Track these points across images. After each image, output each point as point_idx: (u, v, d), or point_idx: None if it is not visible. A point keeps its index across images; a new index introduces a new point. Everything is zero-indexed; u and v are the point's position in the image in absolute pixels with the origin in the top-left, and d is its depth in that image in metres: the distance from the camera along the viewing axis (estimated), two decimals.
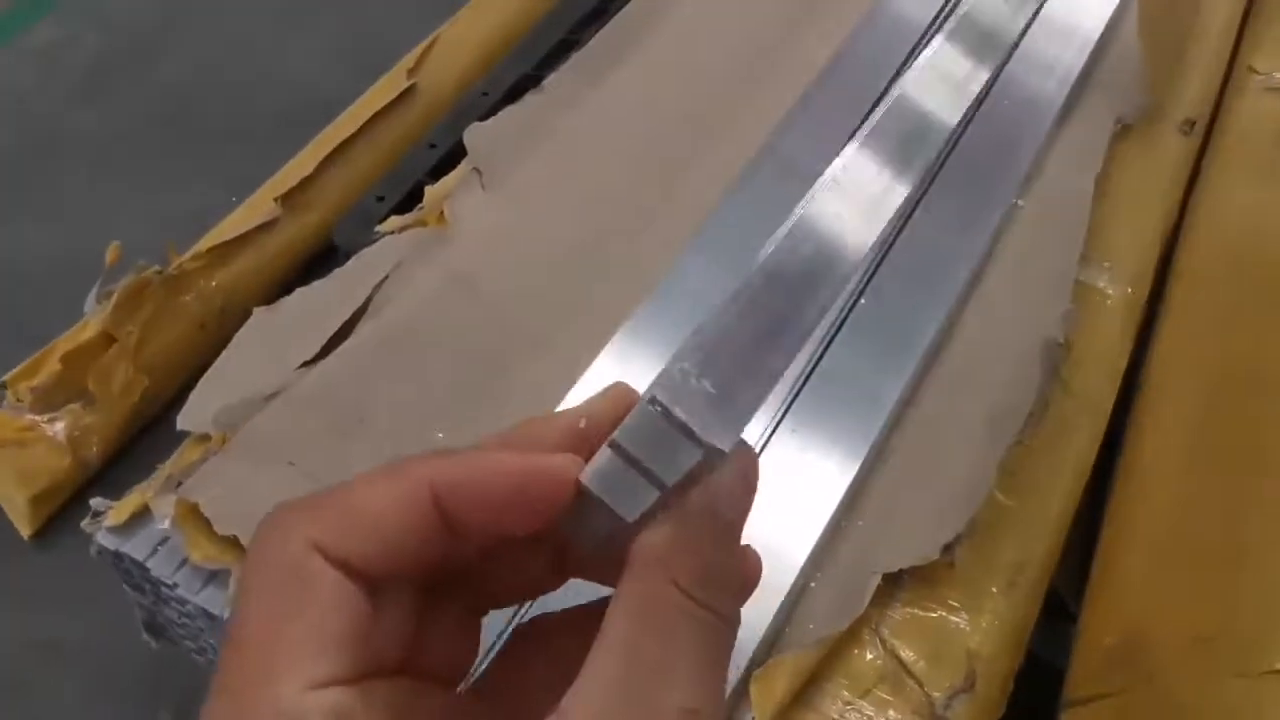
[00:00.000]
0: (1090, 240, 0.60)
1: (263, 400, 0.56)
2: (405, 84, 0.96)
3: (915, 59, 0.33)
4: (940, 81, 0.33)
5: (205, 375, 0.59)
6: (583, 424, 0.27)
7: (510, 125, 0.70)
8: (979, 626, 0.48)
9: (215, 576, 0.53)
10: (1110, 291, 0.59)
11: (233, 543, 0.52)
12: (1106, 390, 0.56)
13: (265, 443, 0.54)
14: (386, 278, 0.61)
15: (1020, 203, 0.62)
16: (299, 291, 0.62)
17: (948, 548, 0.49)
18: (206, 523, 0.52)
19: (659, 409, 0.24)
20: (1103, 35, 0.70)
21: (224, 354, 0.59)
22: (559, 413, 0.28)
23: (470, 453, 0.26)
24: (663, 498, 0.25)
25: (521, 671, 0.29)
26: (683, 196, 0.64)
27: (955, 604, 0.48)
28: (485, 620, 0.30)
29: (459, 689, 0.28)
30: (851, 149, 0.29)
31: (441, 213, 0.64)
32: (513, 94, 0.84)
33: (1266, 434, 0.54)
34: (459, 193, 0.65)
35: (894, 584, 0.49)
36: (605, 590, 0.28)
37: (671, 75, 0.73)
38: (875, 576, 0.48)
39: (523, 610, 0.44)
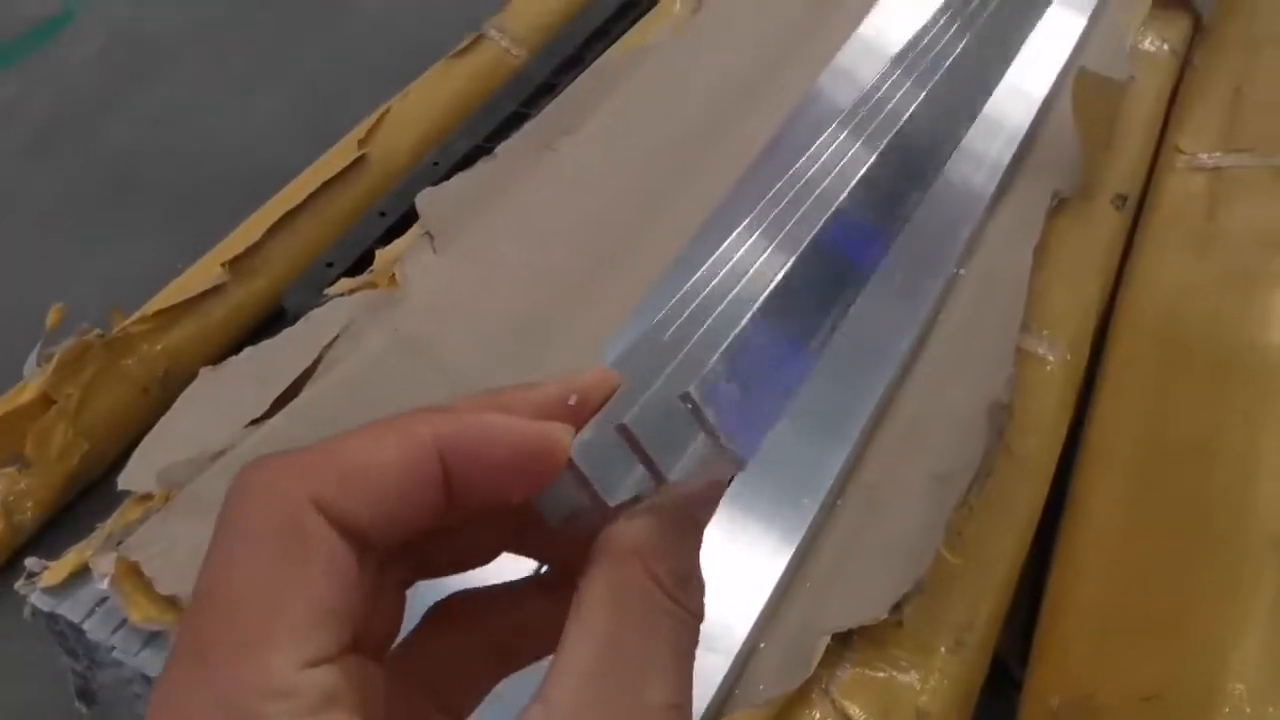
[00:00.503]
0: (1030, 308, 0.62)
1: (209, 459, 0.55)
2: (356, 154, 0.97)
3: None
4: (871, 203, 0.33)
5: (149, 434, 0.58)
6: (573, 400, 0.26)
7: (462, 190, 0.70)
8: (927, 685, 0.48)
9: (154, 638, 0.52)
10: (1050, 358, 0.61)
11: (173, 603, 0.51)
12: (1048, 453, 0.57)
13: (210, 502, 0.54)
14: (337, 337, 0.61)
15: (961, 271, 0.64)
16: (247, 351, 0.62)
17: (896, 607, 0.49)
18: (147, 582, 0.51)
19: (690, 405, 0.23)
20: (1037, 115, 0.73)
21: (169, 413, 0.59)
22: (543, 383, 0.26)
23: (473, 413, 0.24)
24: (648, 491, 0.24)
25: (441, 647, 0.27)
26: (628, 264, 0.65)
27: (904, 663, 0.49)
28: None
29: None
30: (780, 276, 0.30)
31: (392, 275, 0.65)
32: (464, 165, 0.85)
33: (1200, 498, 0.55)
34: (410, 255, 0.66)
35: (843, 643, 0.49)
36: (520, 568, 0.27)
37: (620, 146, 0.74)
38: (825, 636, 0.48)
39: None
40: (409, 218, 0.74)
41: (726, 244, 0.30)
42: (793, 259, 0.28)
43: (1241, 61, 0.82)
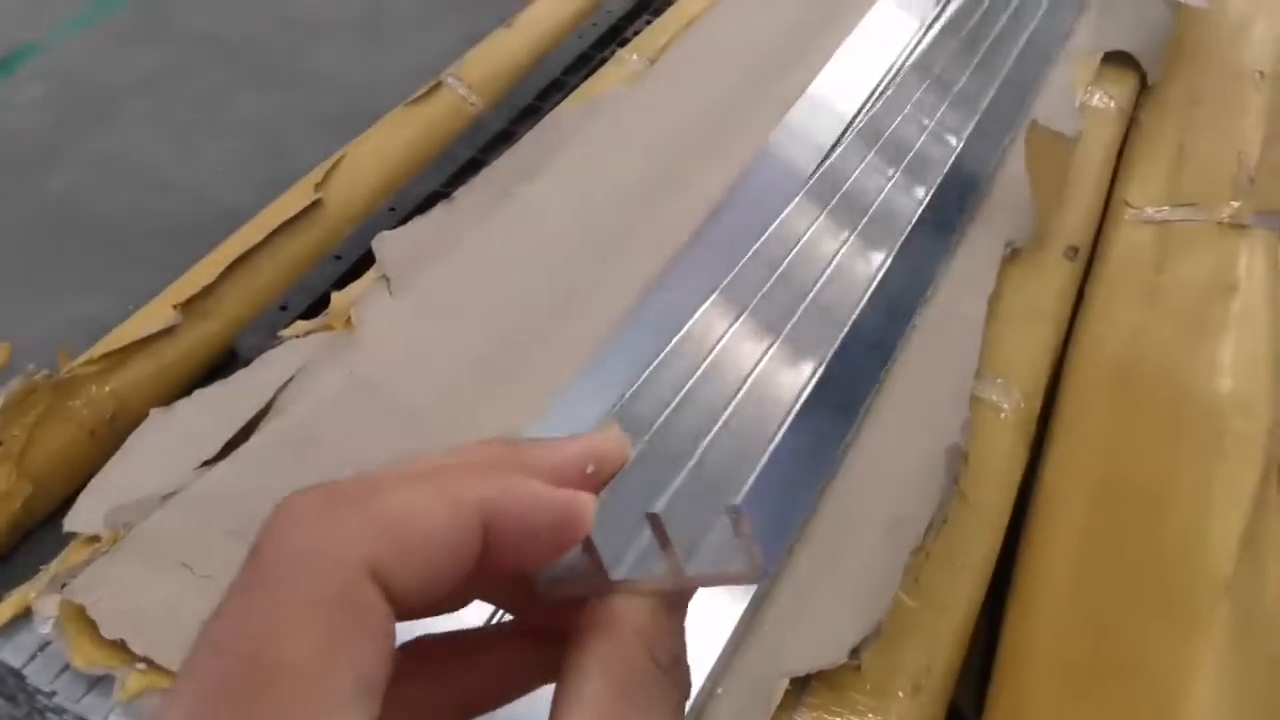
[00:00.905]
0: (984, 356, 0.62)
1: (158, 500, 0.54)
2: (312, 198, 0.96)
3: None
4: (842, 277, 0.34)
5: (97, 475, 0.57)
6: (590, 469, 0.26)
7: (419, 234, 0.70)
8: None
9: (98, 683, 0.51)
10: (1004, 405, 0.61)
11: (119, 646, 0.50)
12: (1003, 499, 0.58)
13: (159, 544, 0.53)
14: (291, 379, 0.60)
15: (916, 321, 0.65)
16: (198, 393, 0.61)
17: (854, 651, 0.49)
18: (92, 625, 0.50)
19: (732, 517, 0.24)
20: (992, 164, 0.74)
21: (118, 453, 0.58)
22: (561, 443, 0.26)
23: (509, 476, 0.24)
24: (655, 573, 0.25)
25: (402, 692, 0.26)
26: (583, 311, 0.65)
27: (862, 707, 0.48)
28: None
29: None
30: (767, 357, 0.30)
31: (348, 318, 0.64)
32: (421, 210, 0.85)
33: (1152, 544, 0.56)
34: (366, 298, 0.65)
35: (801, 688, 0.49)
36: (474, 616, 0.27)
37: (577, 194, 0.74)
38: (783, 681, 0.48)
39: None
40: (364, 262, 0.74)
41: (700, 314, 0.30)
42: (819, 370, 0.28)
43: (1184, 119, 0.84)
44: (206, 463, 0.56)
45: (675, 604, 0.25)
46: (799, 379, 0.29)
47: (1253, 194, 0.74)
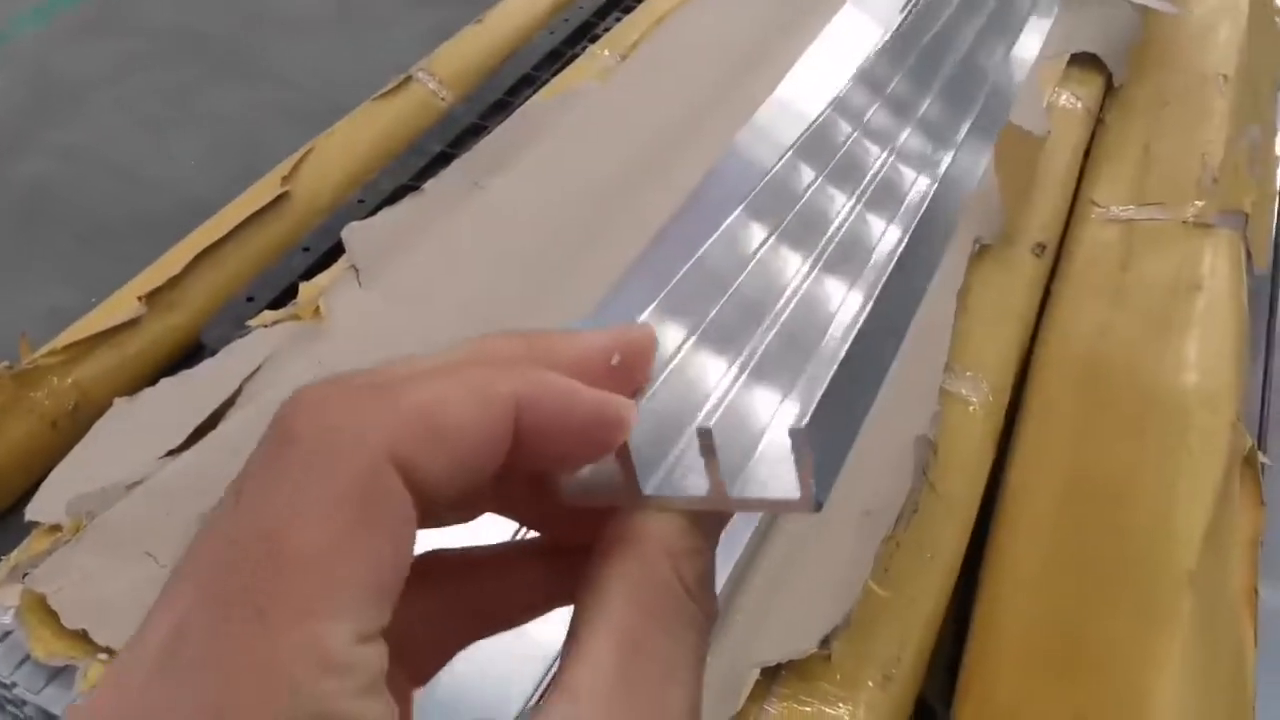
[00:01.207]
0: (953, 350, 0.63)
1: (122, 489, 0.54)
2: (279, 190, 0.95)
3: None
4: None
5: (60, 464, 0.56)
6: (615, 360, 0.24)
7: (389, 225, 0.70)
8: (855, 719, 0.48)
9: (59, 674, 0.50)
10: (973, 399, 0.62)
11: (81, 637, 0.49)
12: (972, 491, 0.58)
13: (122, 533, 0.52)
14: (259, 368, 0.60)
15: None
16: (164, 381, 0.61)
17: (825, 641, 0.49)
18: (53, 615, 0.49)
19: (795, 440, 0.21)
20: None
21: (81, 442, 0.57)
22: (582, 333, 0.24)
23: (541, 371, 0.22)
24: (692, 491, 0.23)
25: (412, 605, 0.24)
26: (557, 301, 0.65)
27: (832, 697, 0.49)
28: None
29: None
30: None
31: (316, 308, 0.64)
32: (390, 202, 0.84)
33: (1118, 536, 0.56)
34: (335, 288, 0.65)
35: (771, 677, 0.49)
36: (499, 530, 0.26)
37: (548, 187, 0.74)
38: (754, 671, 0.48)
39: None
40: (333, 254, 0.73)
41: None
42: (873, 297, 0.27)
43: (1149, 119, 0.85)
44: (171, 452, 0.56)
45: (709, 526, 0.24)
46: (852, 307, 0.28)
47: (1216, 194, 0.75)
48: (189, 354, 0.91)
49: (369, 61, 1.31)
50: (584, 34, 1.06)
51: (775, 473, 0.23)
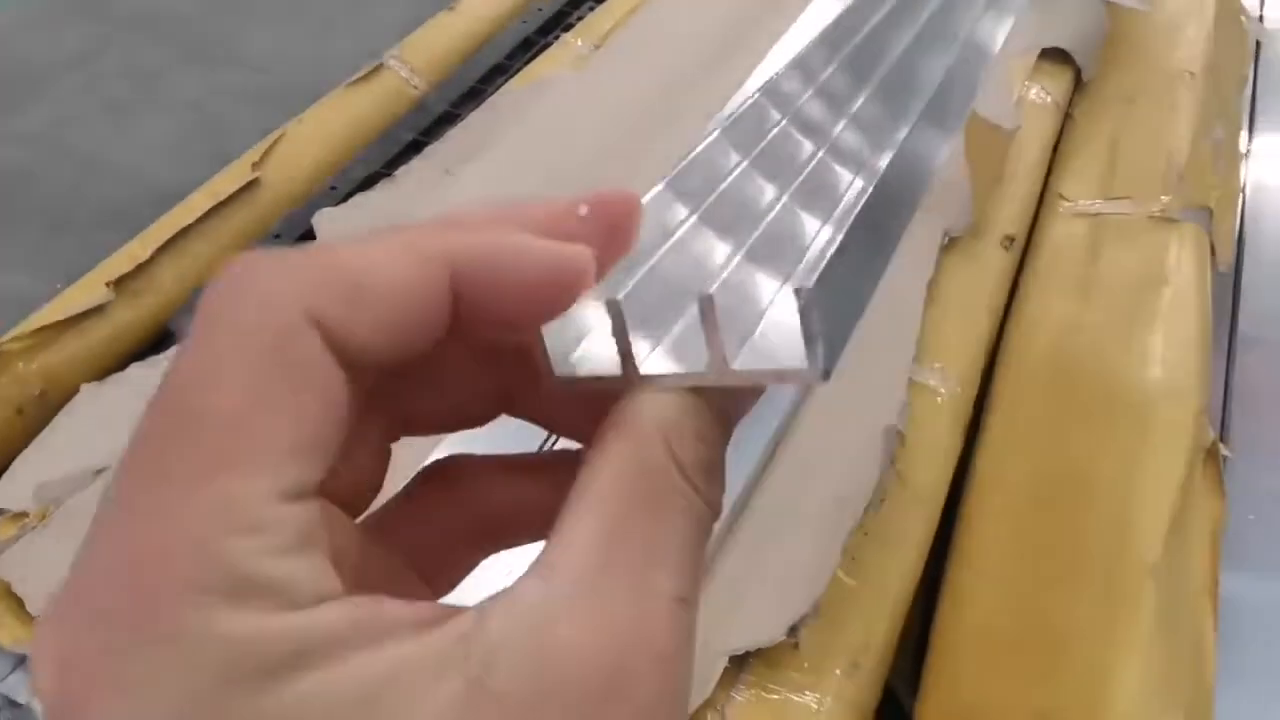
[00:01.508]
0: (922, 342, 0.63)
1: (91, 475, 0.53)
2: (249, 177, 0.95)
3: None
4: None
5: (26, 449, 0.56)
6: (583, 211, 0.23)
7: (361, 212, 0.70)
8: (823, 708, 0.48)
9: (24, 662, 0.50)
10: (941, 390, 0.62)
11: None
12: (939, 481, 0.58)
13: (89, 520, 0.52)
14: None
15: None
16: (134, 366, 0.60)
17: (792, 629, 0.50)
18: (19, 603, 0.49)
19: (801, 300, 0.20)
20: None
21: (48, 428, 0.57)
22: (547, 200, 0.23)
23: (487, 228, 0.22)
24: (692, 369, 0.22)
25: (426, 514, 0.25)
26: None
27: (800, 685, 0.49)
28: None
29: (358, 520, 0.24)
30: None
31: None
32: (362, 189, 0.84)
33: (1081, 528, 0.57)
34: None
35: (738, 665, 0.49)
36: (527, 441, 0.25)
37: (519, 176, 0.74)
38: (722, 658, 0.48)
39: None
40: (304, 242, 0.73)
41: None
42: (887, 161, 0.26)
43: (1117, 115, 0.86)
44: None
45: (715, 409, 0.22)
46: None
47: (1182, 189, 0.76)
48: (157, 341, 0.91)
49: (340, 46, 1.30)
50: (558, 22, 1.06)
51: (780, 343, 0.22)
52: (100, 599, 0.17)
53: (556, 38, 0.98)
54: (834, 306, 0.21)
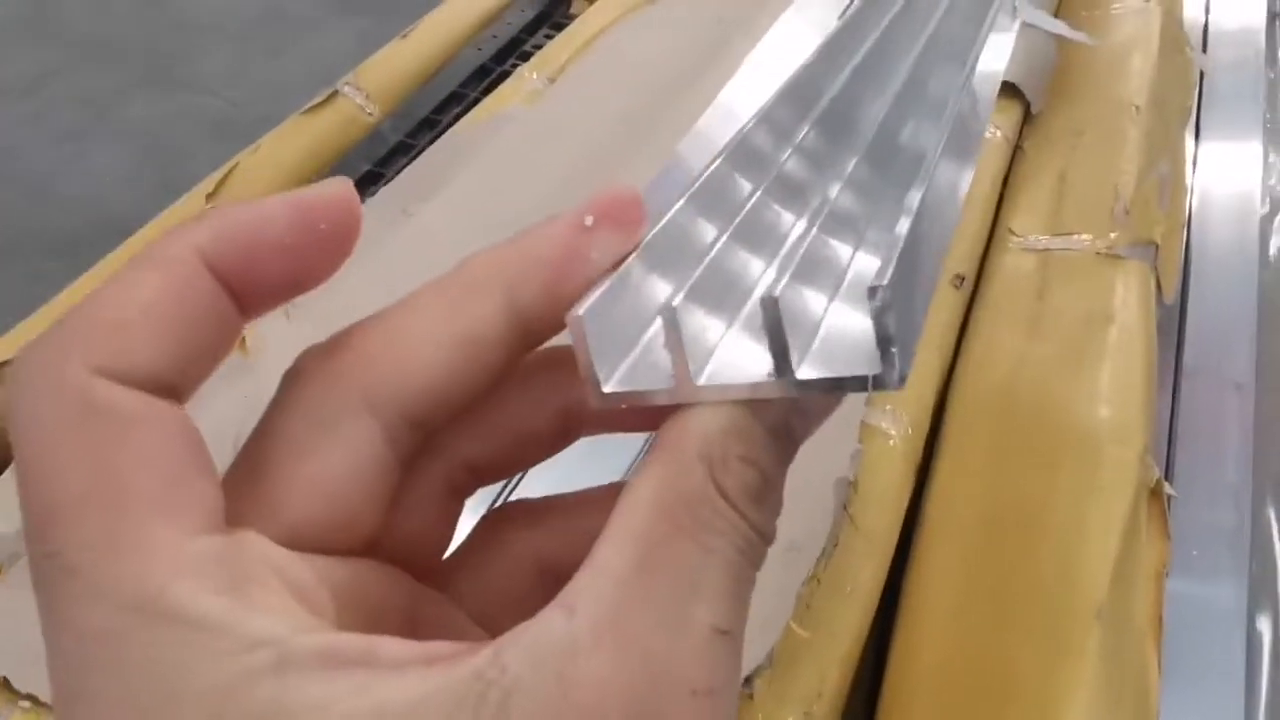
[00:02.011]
0: None
1: None
2: (203, 208, 0.94)
3: None
4: None
5: None
6: (589, 221, 0.23)
7: None
8: None
9: None
10: (893, 432, 0.63)
11: (1, 685, 0.48)
12: (891, 526, 0.59)
13: None
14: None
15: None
16: None
17: (747, 680, 0.50)
18: None
19: (876, 303, 0.19)
20: None
21: (0, 479, 0.56)
22: (550, 221, 0.23)
23: (232, 206, 0.21)
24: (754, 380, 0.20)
25: (493, 562, 0.25)
26: None
27: None
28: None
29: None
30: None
31: (243, 340, 0.63)
32: None
33: (1030, 570, 0.58)
34: (262, 320, 0.64)
35: None
36: (602, 475, 0.24)
37: (475, 214, 0.74)
38: None
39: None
40: None
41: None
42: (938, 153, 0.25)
43: (1066, 148, 0.87)
44: None
45: (770, 426, 0.21)
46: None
47: (1128, 225, 0.77)
48: None
49: (294, 69, 1.30)
50: (512, 50, 1.06)
51: (846, 350, 0.21)
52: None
53: (513, 66, 0.99)
54: (904, 308, 0.19)
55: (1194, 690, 0.59)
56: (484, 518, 0.26)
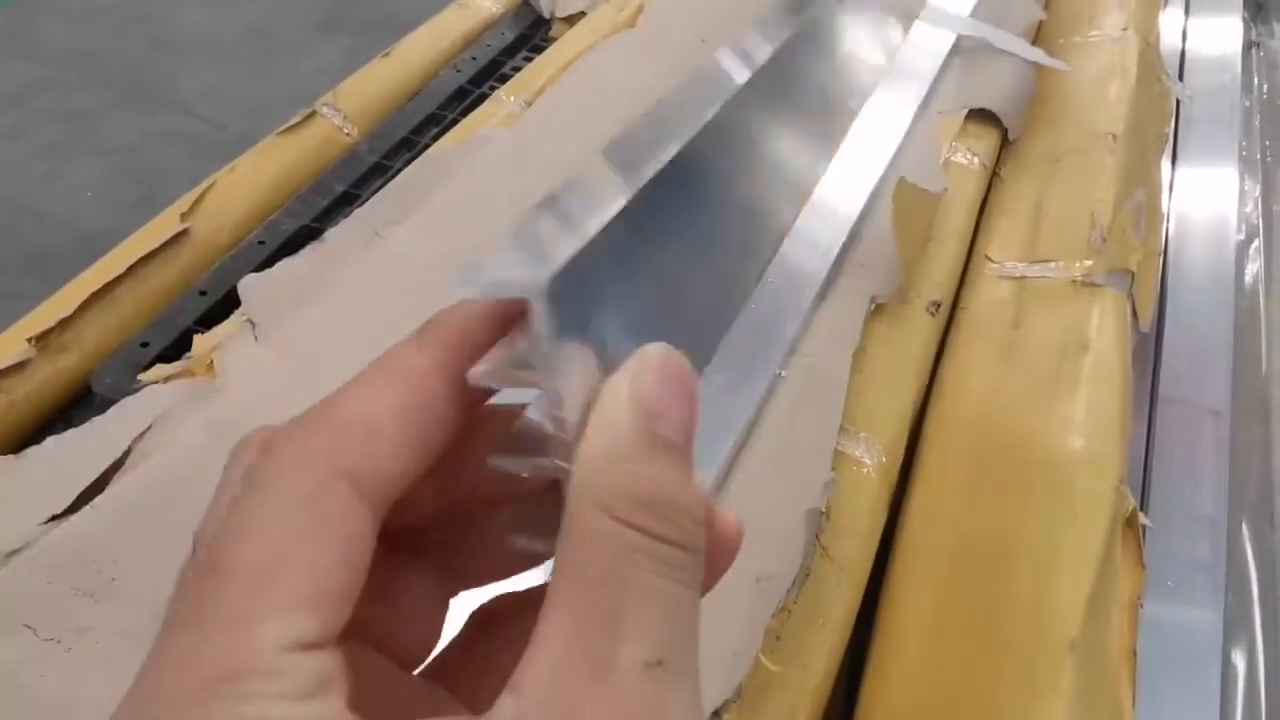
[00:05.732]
0: (848, 412, 0.64)
1: (3, 556, 0.52)
2: (178, 228, 0.93)
3: None
4: None
5: None
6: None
7: (287, 277, 0.69)
8: None
9: None
10: (867, 460, 0.63)
11: None
12: (864, 556, 0.59)
13: (5, 602, 0.51)
14: (148, 429, 0.58)
15: (783, 374, 0.66)
16: (51, 440, 0.59)
17: (716, 713, 0.49)
18: None
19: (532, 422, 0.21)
20: (859, 219, 0.76)
21: None
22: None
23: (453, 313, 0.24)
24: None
25: (483, 655, 0.25)
26: None
27: None
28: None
29: (415, 671, 0.25)
30: None
31: (210, 363, 0.63)
32: (291, 245, 0.83)
33: (1002, 602, 0.57)
34: (230, 344, 0.64)
35: None
36: None
37: (450, 238, 0.74)
38: None
39: None
40: (231, 297, 0.72)
41: None
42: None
43: (1043, 175, 0.88)
44: (55, 517, 0.54)
45: (621, 435, 0.21)
46: None
47: (1105, 253, 0.77)
48: (80, 398, 0.89)
49: (275, 88, 1.29)
50: (491, 72, 1.06)
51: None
52: None
53: (491, 89, 0.98)
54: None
55: (1169, 718, 0.59)
56: (473, 614, 0.26)
